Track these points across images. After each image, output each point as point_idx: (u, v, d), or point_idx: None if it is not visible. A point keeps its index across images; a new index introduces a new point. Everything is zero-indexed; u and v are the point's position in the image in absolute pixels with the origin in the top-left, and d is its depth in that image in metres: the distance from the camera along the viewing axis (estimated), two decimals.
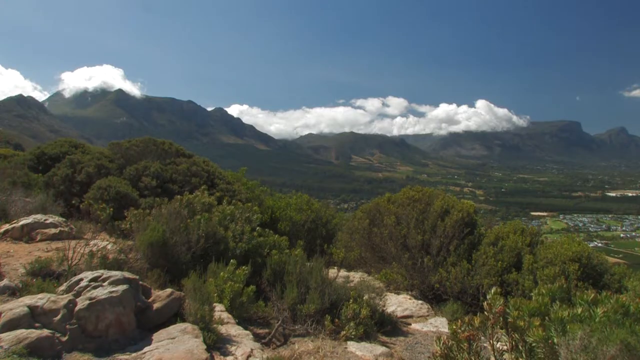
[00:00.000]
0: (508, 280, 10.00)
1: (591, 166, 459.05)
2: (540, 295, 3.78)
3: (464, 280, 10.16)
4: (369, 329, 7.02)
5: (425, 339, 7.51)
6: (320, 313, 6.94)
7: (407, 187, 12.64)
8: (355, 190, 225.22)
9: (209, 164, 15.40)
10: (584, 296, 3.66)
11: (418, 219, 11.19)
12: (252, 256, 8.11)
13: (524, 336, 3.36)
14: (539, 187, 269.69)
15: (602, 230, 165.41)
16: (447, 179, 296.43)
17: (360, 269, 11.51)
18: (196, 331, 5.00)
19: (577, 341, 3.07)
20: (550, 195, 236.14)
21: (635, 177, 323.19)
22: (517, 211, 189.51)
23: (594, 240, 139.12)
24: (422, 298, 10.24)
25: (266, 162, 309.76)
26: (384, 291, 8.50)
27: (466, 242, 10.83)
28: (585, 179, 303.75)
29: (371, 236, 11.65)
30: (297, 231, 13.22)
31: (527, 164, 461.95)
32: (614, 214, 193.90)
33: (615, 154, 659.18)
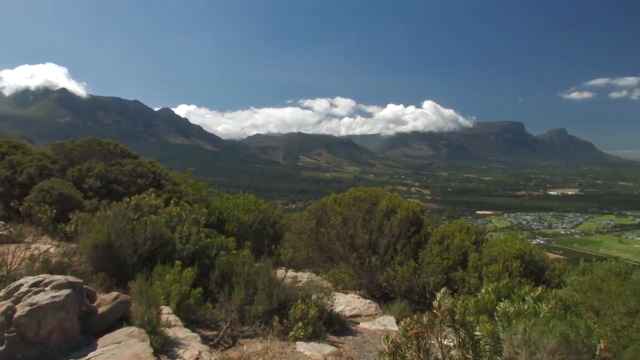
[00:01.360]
0: (454, 278, 10.15)
1: (534, 166, 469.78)
2: (487, 293, 3.87)
3: (411, 279, 10.27)
4: (317, 328, 7.03)
5: (373, 337, 7.56)
6: (268, 314, 6.93)
7: (354, 187, 12.71)
8: (303, 191, 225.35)
9: (155, 165, 15.21)
10: (528, 292, 3.76)
11: (365, 219, 11.26)
12: (199, 258, 8.04)
13: (471, 332, 3.43)
14: (484, 186, 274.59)
15: (544, 227, 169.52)
16: (394, 179, 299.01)
17: (308, 269, 11.53)
18: (143, 335, 4.92)
19: (519, 335, 3.15)
20: (495, 195, 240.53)
21: (574, 176, 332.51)
22: (463, 210, 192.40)
23: (537, 237, 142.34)
24: (370, 297, 10.31)
25: (214, 162, 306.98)
26: (332, 291, 8.52)
27: (413, 241, 10.94)
28: (528, 178, 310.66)
29: (318, 236, 11.67)
30: (244, 232, 13.15)
31: (473, 164, 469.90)
32: (555, 212, 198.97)
33: (556, 154, 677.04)
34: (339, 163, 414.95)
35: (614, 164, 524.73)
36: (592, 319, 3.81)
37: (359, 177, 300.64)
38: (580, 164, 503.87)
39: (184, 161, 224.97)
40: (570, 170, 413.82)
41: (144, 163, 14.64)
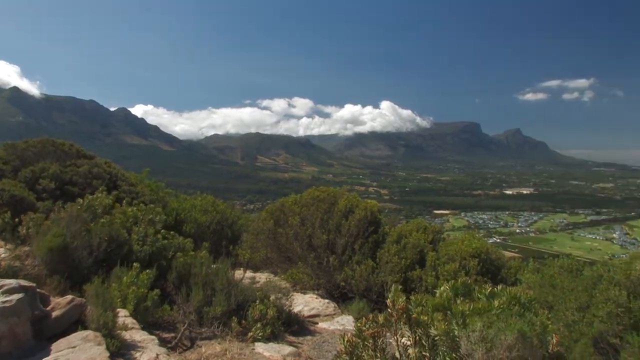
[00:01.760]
0: (412, 277, 10.25)
1: (490, 165, 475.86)
2: (444, 291, 3.91)
3: (369, 278, 10.33)
4: (276, 329, 7.03)
5: (332, 337, 7.59)
6: (226, 315, 6.89)
7: (312, 188, 12.72)
8: (261, 191, 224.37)
9: (112, 166, 14.98)
10: (482, 290, 3.81)
11: (323, 219, 11.29)
12: (156, 259, 7.95)
13: (427, 331, 3.46)
14: (441, 186, 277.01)
15: (500, 226, 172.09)
16: (352, 179, 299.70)
17: (266, 270, 11.50)
18: (99, 338, 4.85)
19: (476, 333, 3.19)
20: (452, 194, 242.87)
21: (529, 175, 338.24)
22: (421, 210, 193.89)
23: (493, 236, 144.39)
24: (328, 297, 10.33)
25: (171, 163, 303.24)
26: (290, 291, 8.52)
27: (370, 240, 11.01)
28: (484, 178, 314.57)
29: (277, 237, 11.66)
30: (202, 233, 13.04)
31: (430, 164, 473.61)
32: (511, 210, 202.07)
33: (512, 154, 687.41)
34: (297, 163, 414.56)
35: (566, 163, 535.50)
36: (545, 315, 3.87)
37: (317, 177, 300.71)
38: (535, 163, 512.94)
39: (141, 162, 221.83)
40: (525, 169, 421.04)
41: (100, 164, 14.41)
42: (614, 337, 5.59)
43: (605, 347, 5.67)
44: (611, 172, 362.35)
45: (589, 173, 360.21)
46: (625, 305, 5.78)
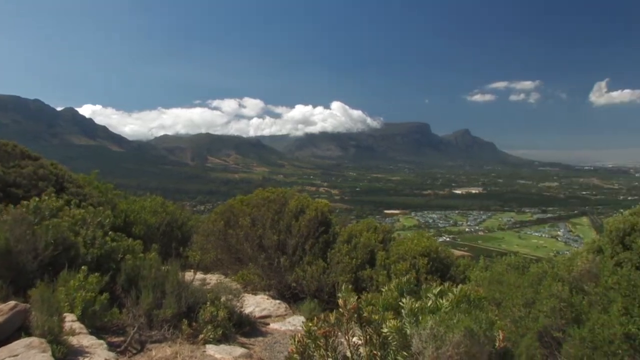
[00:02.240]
0: (362, 276, 10.33)
1: (440, 165, 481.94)
2: (390, 290, 3.95)
3: (320, 279, 10.36)
4: (227, 330, 7.00)
5: (284, 338, 7.60)
6: (177, 317, 6.82)
7: (262, 188, 12.70)
8: (211, 192, 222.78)
9: (58, 167, 14.67)
10: (435, 288, 3.87)
11: (273, 219, 11.27)
12: (105, 262, 7.82)
13: (378, 329, 3.49)
14: (392, 186, 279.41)
15: (449, 225, 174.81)
16: (303, 179, 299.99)
17: (217, 271, 11.45)
18: (44, 345, 4.74)
19: (427, 330, 3.24)
20: (403, 194, 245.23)
21: (478, 175, 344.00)
22: (372, 209, 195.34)
23: (443, 235, 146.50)
24: (279, 298, 10.33)
25: (120, 163, 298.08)
26: (241, 292, 8.49)
27: (321, 240, 11.04)
28: (434, 178, 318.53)
29: (227, 238, 11.59)
30: (152, 235, 12.89)
31: (381, 164, 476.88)
32: (460, 210, 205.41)
33: (461, 154, 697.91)
34: (247, 164, 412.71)
35: (514, 163, 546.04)
36: (493, 312, 3.95)
37: (268, 177, 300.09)
38: (484, 163, 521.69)
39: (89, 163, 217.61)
40: (474, 169, 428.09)
41: (46, 165, 14.09)
42: (557, 331, 5.74)
43: (549, 341, 5.81)
44: (556, 171, 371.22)
45: (535, 173, 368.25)
46: (568, 300, 5.93)
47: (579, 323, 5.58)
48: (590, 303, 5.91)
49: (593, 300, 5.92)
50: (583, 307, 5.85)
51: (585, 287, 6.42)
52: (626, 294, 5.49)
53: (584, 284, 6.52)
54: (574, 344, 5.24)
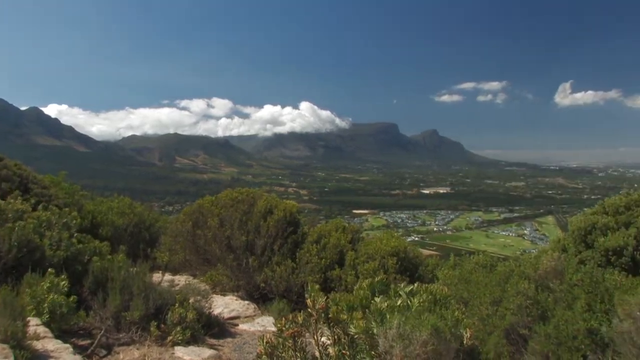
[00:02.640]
0: (331, 276, 10.37)
1: (408, 165, 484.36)
2: (361, 289, 3.97)
3: (289, 279, 10.37)
4: (196, 332, 6.97)
5: (253, 339, 7.58)
6: (145, 319, 6.77)
7: (230, 189, 12.67)
8: (180, 192, 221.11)
9: (22, 168, 14.43)
10: (403, 288, 3.91)
11: (242, 220, 11.25)
12: (71, 264, 7.73)
13: (346, 329, 3.52)
14: (360, 186, 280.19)
15: (418, 225, 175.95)
16: (271, 180, 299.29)
17: (185, 272, 11.39)
18: (6, 350, 4.66)
19: (393, 330, 3.27)
20: (371, 194, 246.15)
21: (445, 175, 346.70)
22: (340, 210, 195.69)
23: (411, 234, 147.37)
24: (248, 298, 10.31)
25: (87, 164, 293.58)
26: (210, 293, 8.46)
27: (290, 241, 11.06)
28: (402, 178, 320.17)
29: (195, 238, 11.54)
30: (119, 236, 12.77)
31: (349, 164, 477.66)
32: (428, 209, 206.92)
33: (429, 154, 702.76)
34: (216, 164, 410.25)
35: (481, 163, 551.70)
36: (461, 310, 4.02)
37: (237, 178, 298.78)
38: (451, 163, 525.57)
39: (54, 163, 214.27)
40: (442, 169, 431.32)
41: (9, 166, 13.86)
42: (523, 328, 5.83)
43: (516, 338, 5.90)
44: (522, 171, 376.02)
45: (502, 172, 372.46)
46: (534, 298, 6.03)
47: (545, 320, 5.68)
48: (555, 300, 6.02)
49: (558, 298, 6.03)
50: (548, 304, 5.95)
51: (550, 285, 6.53)
52: (589, 291, 5.62)
53: (549, 281, 6.63)
54: (540, 341, 5.33)
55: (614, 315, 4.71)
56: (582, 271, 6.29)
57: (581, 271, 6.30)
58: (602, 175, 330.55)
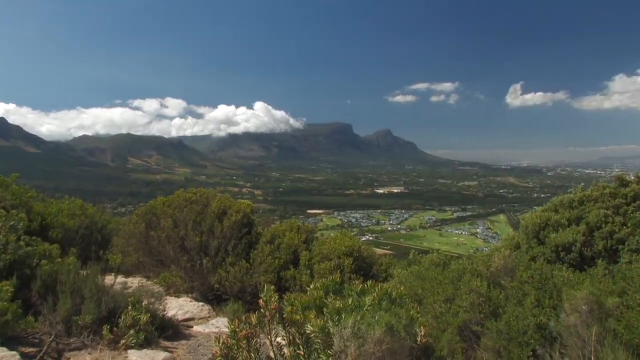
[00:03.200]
0: (286, 277, 10.37)
1: (362, 165, 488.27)
2: (315, 289, 3.98)
3: (244, 280, 10.34)
4: (150, 335, 6.88)
5: (207, 340, 7.54)
6: (97, 323, 6.65)
7: (184, 189, 12.57)
8: (133, 194, 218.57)
9: None
10: (353, 287, 3.93)
11: (196, 221, 11.17)
12: (19, 268, 7.54)
13: (301, 329, 3.52)
14: (315, 186, 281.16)
15: (372, 225, 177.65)
16: (226, 180, 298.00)
17: (139, 274, 11.26)
18: None
19: (349, 329, 3.28)
20: (326, 194, 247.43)
21: (399, 175, 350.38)
22: (295, 210, 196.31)
23: (366, 234, 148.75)
24: (203, 300, 10.24)
25: (36, 165, 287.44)
26: (164, 295, 8.38)
27: (244, 241, 11.03)
28: (357, 178, 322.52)
29: (149, 240, 11.40)
30: (70, 238, 12.53)
31: (304, 164, 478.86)
32: (383, 209, 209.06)
33: (383, 154, 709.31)
34: (169, 165, 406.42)
35: (434, 163, 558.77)
36: (415, 308, 4.07)
37: (191, 179, 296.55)
38: (405, 163, 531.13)
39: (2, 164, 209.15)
40: (396, 169, 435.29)
41: None
42: (476, 325, 5.92)
43: (469, 335, 5.99)
44: (475, 171, 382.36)
45: (456, 172, 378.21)
46: (486, 295, 6.14)
47: (497, 317, 5.78)
48: (507, 297, 6.14)
49: (509, 295, 6.15)
50: (500, 301, 6.07)
51: (502, 282, 6.66)
52: (539, 287, 5.75)
53: (501, 279, 6.77)
54: (492, 337, 5.42)
55: (561, 310, 4.84)
56: (532, 268, 6.43)
57: (531, 268, 6.44)
58: (551, 174, 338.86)
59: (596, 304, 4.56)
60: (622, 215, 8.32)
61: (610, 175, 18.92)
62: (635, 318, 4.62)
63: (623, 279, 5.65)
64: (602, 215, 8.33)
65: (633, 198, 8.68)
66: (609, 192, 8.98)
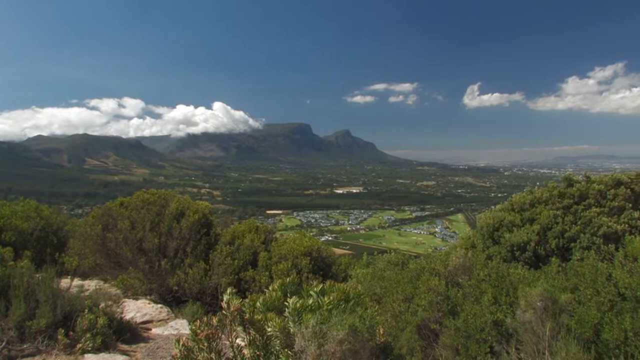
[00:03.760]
0: (245, 277, 10.36)
1: (321, 165, 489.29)
2: (274, 290, 3.99)
3: (202, 281, 10.29)
4: (107, 338, 6.78)
5: (166, 342, 7.47)
6: (52, 327, 6.53)
7: (142, 190, 12.44)
8: (90, 195, 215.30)
9: None
10: (315, 287, 3.95)
11: (154, 222, 11.07)
12: None
13: (262, 330, 3.52)
14: (274, 186, 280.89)
15: (331, 224, 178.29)
16: (184, 181, 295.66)
17: (95, 277, 11.10)
18: None
19: (309, 329, 3.30)
20: (285, 194, 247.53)
21: (358, 175, 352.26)
22: (254, 210, 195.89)
23: (325, 234, 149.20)
24: (161, 302, 10.14)
25: None
26: (121, 298, 8.29)
27: (203, 242, 10.99)
28: (316, 178, 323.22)
29: (106, 242, 11.25)
30: (24, 241, 12.31)
31: (262, 165, 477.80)
32: (342, 209, 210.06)
33: (342, 154, 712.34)
34: (127, 165, 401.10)
35: (393, 163, 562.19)
36: (374, 308, 4.11)
37: (149, 179, 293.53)
38: (364, 163, 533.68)
39: None
40: (355, 169, 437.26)
41: None
42: (434, 323, 6.00)
43: (428, 333, 6.07)
44: (433, 171, 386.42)
45: (414, 172, 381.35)
46: (444, 294, 6.22)
47: (454, 314, 5.86)
48: (464, 295, 6.23)
49: (467, 293, 6.24)
50: (458, 300, 6.15)
51: (459, 281, 6.76)
52: (495, 285, 5.85)
53: (459, 277, 6.87)
54: (450, 335, 5.50)
55: (517, 307, 4.95)
56: (489, 267, 6.54)
57: (488, 267, 6.55)
58: (507, 174, 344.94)
59: (550, 300, 4.67)
60: (572, 214, 8.55)
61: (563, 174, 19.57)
62: (586, 313, 4.76)
63: (575, 275, 5.80)
64: (552, 216, 8.55)
65: (580, 197, 8.93)
66: (557, 193, 9.22)
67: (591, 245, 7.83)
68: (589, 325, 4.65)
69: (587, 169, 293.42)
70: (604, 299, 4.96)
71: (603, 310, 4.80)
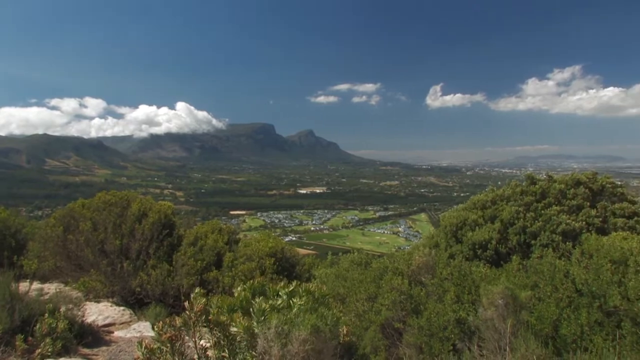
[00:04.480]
0: (208, 278, 10.31)
1: (284, 166, 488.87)
2: (243, 290, 3.98)
3: (165, 282, 10.21)
4: (68, 342, 6.68)
5: (129, 345, 7.39)
6: (10, 333, 6.40)
7: (104, 191, 12.28)
8: (50, 196, 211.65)
9: None
10: (282, 288, 3.94)
11: (115, 223, 10.95)
12: None
13: (226, 330, 3.50)
14: (237, 186, 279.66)
15: (295, 225, 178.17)
16: (147, 181, 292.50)
17: (56, 280, 10.91)
18: None
19: (272, 329, 3.29)
20: (248, 194, 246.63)
21: (321, 175, 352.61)
22: (217, 211, 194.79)
23: (289, 234, 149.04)
24: (124, 304, 10.03)
25: None
26: (82, 301, 8.15)
27: (166, 244, 10.90)
28: (279, 178, 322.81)
29: (66, 244, 11.07)
30: None
31: (226, 165, 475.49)
32: (305, 209, 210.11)
33: (305, 154, 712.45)
34: (89, 166, 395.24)
35: (356, 163, 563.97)
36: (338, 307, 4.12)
37: (111, 180, 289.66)
38: (327, 163, 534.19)
39: None
40: (318, 169, 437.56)
41: None
42: (398, 322, 6.05)
43: (391, 332, 6.10)
44: (397, 170, 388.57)
45: (377, 172, 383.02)
46: (407, 293, 6.27)
47: (418, 313, 5.91)
48: (428, 294, 6.29)
49: (430, 291, 6.30)
50: (421, 298, 6.20)
51: (423, 280, 6.82)
52: (458, 283, 5.92)
53: (422, 276, 6.92)
54: (413, 333, 5.54)
55: (479, 305, 5.01)
56: (451, 265, 6.61)
57: (451, 265, 6.61)
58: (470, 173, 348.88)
59: (511, 297, 4.74)
60: (534, 211, 8.71)
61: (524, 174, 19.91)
62: (546, 309, 4.85)
63: (535, 272, 5.90)
64: (514, 212, 8.70)
65: (541, 195, 9.11)
66: (520, 191, 9.39)
67: (550, 243, 7.99)
68: (548, 321, 4.74)
69: (547, 168, 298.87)
70: (562, 295, 5.06)
71: (561, 307, 4.90)
